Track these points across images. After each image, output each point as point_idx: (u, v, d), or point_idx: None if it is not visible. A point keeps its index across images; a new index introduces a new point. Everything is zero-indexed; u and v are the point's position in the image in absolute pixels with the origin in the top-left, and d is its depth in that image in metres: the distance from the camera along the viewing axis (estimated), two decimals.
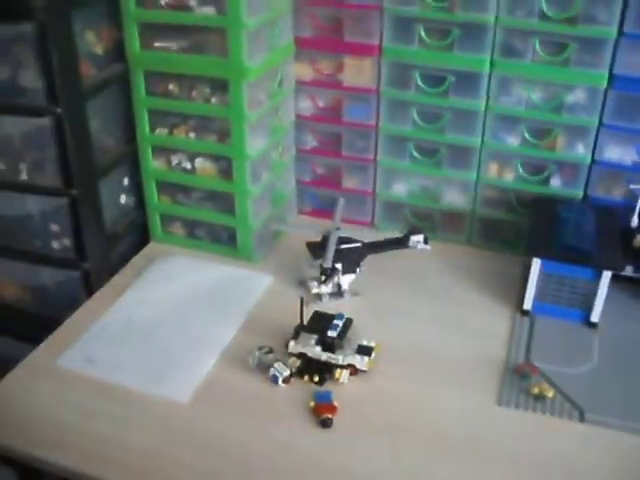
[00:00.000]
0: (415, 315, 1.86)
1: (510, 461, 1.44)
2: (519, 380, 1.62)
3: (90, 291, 1.98)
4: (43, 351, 1.73)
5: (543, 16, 1.82)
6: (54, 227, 1.95)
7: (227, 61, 1.82)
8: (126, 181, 2.13)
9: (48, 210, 1.93)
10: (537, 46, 1.85)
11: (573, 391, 1.59)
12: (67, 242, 1.96)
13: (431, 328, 1.81)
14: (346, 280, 1.91)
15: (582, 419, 1.53)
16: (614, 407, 1.55)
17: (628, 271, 1.86)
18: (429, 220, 2.20)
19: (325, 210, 2.20)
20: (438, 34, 1.93)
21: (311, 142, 2.24)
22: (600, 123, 1.90)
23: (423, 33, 1.93)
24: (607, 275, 1.73)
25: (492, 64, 1.91)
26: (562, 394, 1.58)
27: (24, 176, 1.88)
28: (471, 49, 1.91)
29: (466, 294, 1.95)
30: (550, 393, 1.57)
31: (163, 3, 1.86)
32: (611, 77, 1.83)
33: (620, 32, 1.77)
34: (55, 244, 1.97)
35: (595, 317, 1.79)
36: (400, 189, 2.20)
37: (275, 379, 1.60)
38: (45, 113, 1.77)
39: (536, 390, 1.57)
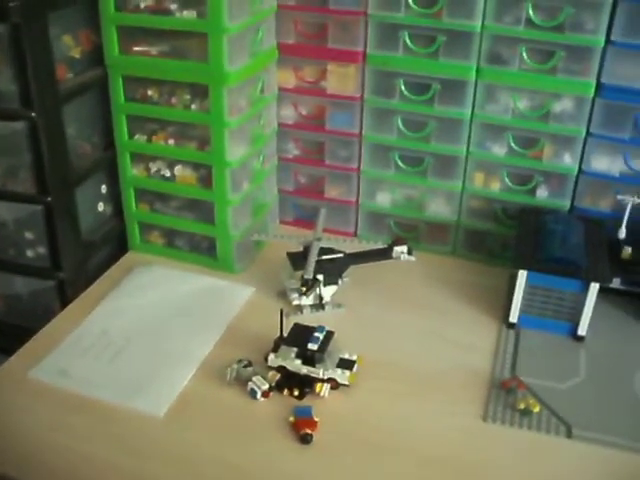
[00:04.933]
0: (398, 328, 1.82)
1: (496, 479, 1.40)
2: (505, 395, 1.59)
3: (65, 301, 1.93)
4: (14, 363, 1.68)
5: (530, 23, 1.79)
6: (28, 235, 1.89)
7: (207, 66, 1.79)
8: (104, 189, 2.08)
9: (22, 217, 1.87)
10: (524, 54, 1.83)
11: (560, 406, 1.56)
12: (42, 251, 1.90)
13: (415, 341, 1.77)
14: (328, 292, 1.87)
15: (569, 435, 1.49)
16: (602, 423, 1.52)
17: (615, 283, 1.84)
18: (413, 231, 2.17)
19: (307, 220, 2.16)
20: (423, 41, 1.90)
21: (293, 150, 2.20)
22: (587, 132, 1.88)
23: (408, 40, 1.90)
24: (595, 287, 1.70)
25: (478, 72, 1.89)
26: (549, 409, 1.55)
27: None
28: (457, 56, 1.88)
29: (451, 306, 1.91)
30: (536, 408, 1.53)
31: (143, 6, 1.82)
32: (598, 86, 1.81)
33: (607, 40, 1.75)
34: (30, 252, 1.92)
35: (582, 330, 1.76)
36: (384, 199, 2.17)
37: (253, 393, 1.55)
38: (19, 117, 1.73)
39: (522, 405, 1.54)
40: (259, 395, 1.55)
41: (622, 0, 1.70)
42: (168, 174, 2.01)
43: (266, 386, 1.56)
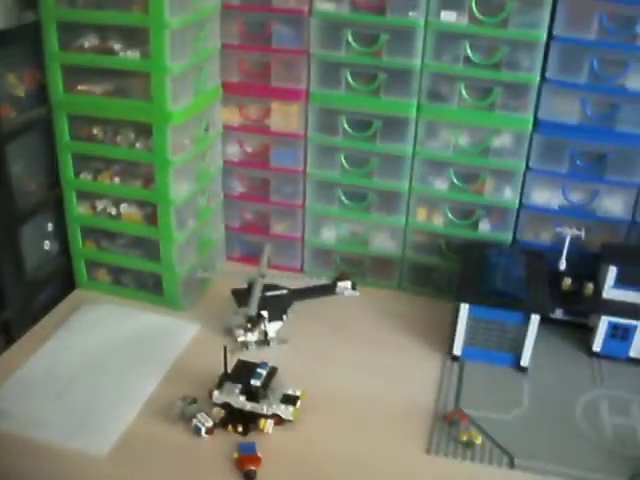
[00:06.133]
0: (343, 362, 1.82)
1: None
2: (448, 427, 1.60)
3: (10, 340, 1.90)
4: None
5: (468, 62, 1.84)
6: None
7: (151, 105, 1.80)
8: (50, 227, 2.07)
9: None
10: (463, 91, 1.87)
11: (503, 437, 1.58)
12: None
13: (360, 376, 1.78)
14: (273, 328, 1.87)
15: (512, 465, 1.51)
16: (544, 452, 1.54)
17: (557, 314, 1.87)
18: (359, 266, 2.19)
19: (254, 256, 2.16)
20: (365, 79, 1.94)
21: (239, 188, 2.22)
22: (527, 167, 1.92)
23: (350, 78, 1.93)
24: (536, 319, 1.73)
25: (419, 109, 1.92)
26: (491, 440, 1.57)
27: None
28: (398, 94, 1.92)
29: (396, 340, 1.92)
30: (479, 440, 1.55)
31: (87, 46, 1.83)
32: (536, 122, 1.86)
33: (543, 78, 1.80)
34: None
35: (525, 361, 1.78)
36: (329, 235, 2.19)
37: (198, 430, 1.55)
38: None
39: (465, 437, 1.55)
40: (203, 432, 1.55)
41: (555, 40, 1.76)
42: (114, 212, 2.01)
43: (210, 423, 1.56)
